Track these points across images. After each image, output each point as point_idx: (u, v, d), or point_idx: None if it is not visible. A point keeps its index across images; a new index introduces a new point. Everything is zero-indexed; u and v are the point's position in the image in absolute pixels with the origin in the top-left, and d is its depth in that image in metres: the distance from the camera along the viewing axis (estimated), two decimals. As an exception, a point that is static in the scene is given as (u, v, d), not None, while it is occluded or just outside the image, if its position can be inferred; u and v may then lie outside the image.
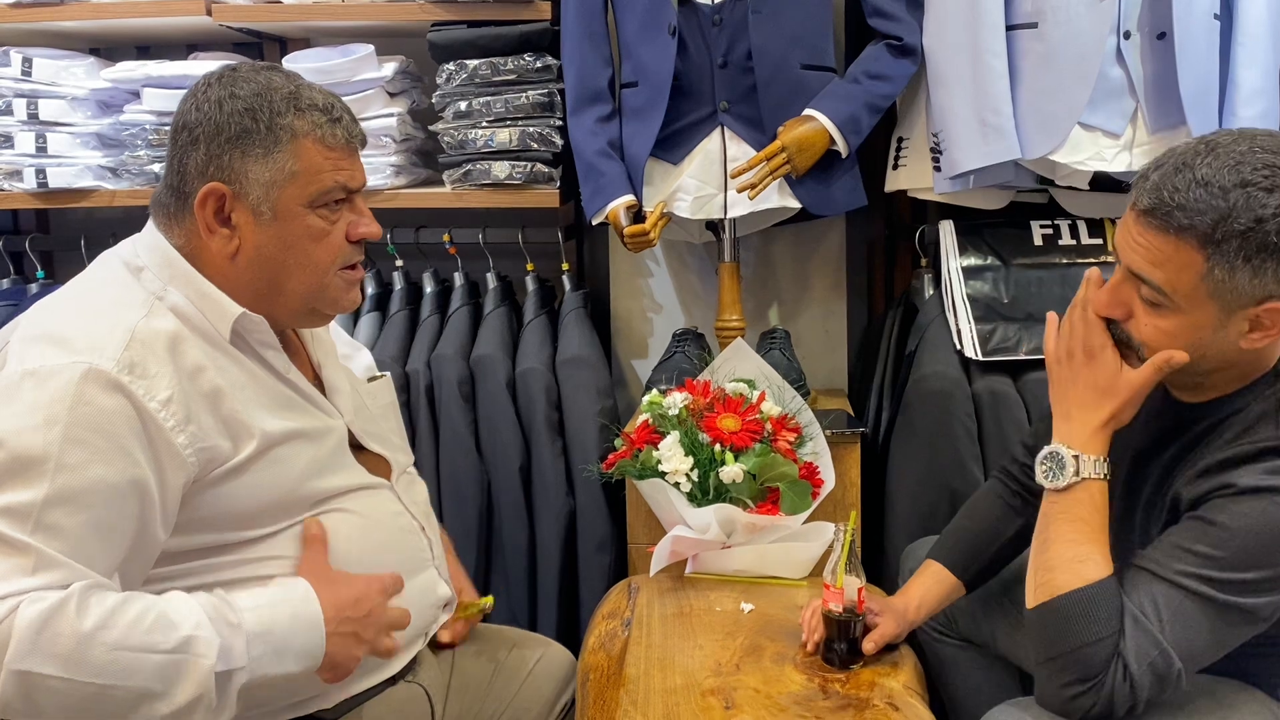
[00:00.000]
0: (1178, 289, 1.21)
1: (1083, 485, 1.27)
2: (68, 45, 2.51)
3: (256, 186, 1.23)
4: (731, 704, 1.44)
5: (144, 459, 1.12)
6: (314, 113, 1.25)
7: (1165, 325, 1.24)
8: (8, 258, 2.62)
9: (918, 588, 1.63)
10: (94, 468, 1.09)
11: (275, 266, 1.26)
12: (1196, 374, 1.29)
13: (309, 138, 1.24)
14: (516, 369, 2.32)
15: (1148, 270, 1.22)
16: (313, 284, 1.28)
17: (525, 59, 2.27)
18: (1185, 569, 1.21)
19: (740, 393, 1.94)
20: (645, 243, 2.19)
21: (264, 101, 1.23)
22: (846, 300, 2.58)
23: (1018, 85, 2.04)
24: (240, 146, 1.22)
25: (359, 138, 1.30)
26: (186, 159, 1.24)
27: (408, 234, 2.47)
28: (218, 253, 1.25)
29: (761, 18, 2.10)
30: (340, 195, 1.27)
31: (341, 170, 1.27)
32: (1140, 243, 1.23)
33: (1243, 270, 1.18)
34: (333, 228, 1.28)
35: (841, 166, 2.19)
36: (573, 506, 2.30)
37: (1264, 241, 1.16)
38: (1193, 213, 1.17)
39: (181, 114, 1.25)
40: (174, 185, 1.25)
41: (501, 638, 1.64)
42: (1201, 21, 1.94)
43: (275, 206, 1.23)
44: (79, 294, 1.24)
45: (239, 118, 1.22)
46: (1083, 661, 1.20)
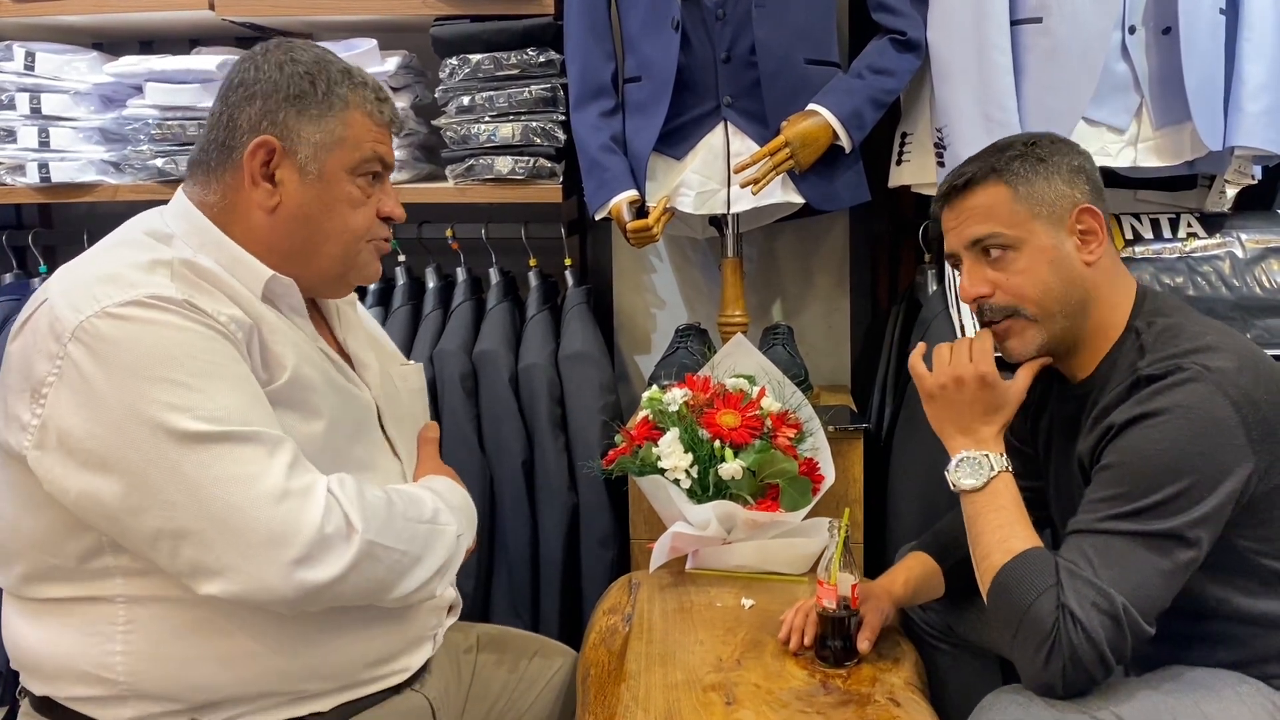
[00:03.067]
0: (1008, 222, 1.41)
1: (998, 478, 1.40)
2: (71, 40, 2.51)
3: (307, 145, 1.27)
4: (733, 699, 1.44)
5: (240, 357, 1.19)
6: (365, 89, 1.32)
7: (1020, 266, 1.41)
8: (11, 252, 2.62)
9: (901, 570, 1.67)
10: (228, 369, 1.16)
11: (313, 227, 1.30)
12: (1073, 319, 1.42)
13: (359, 110, 1.30)
14: (519, 364, 2.32)
15: (978, 229, 1.43)
16: (346, 249, 1.33)
17: (528, 54, 2.27)
18: (1100, 515, 1.28)
19: (740, 389, 1.93)
20: (648, 238, 2.18)
21: (322, 69, 1.29)
22: (850, 296, 2.57)
23: (1022, 80, 2.03)
24: (297, 106, 1.27)
25: (399, 122, 1.38)
26: (239, 114, 1.27)
27: (410, 229, 2.47)
28: (258, 205, 1.28)
29: (765, 12, 2.09)
30: (378, 168, 1.34)
31: (382, 144, 1.33)
32: (960, 218, 1.45)
33: (1038, 181, 1.41)
34: (368, 200, 1.33)
35: (845, 162, 2.18)
36: (575, 502, 2.30)
37: (1039, 155, 1.42)
38: (977, 165, 1.43)
39: (238, 73, 1.30)
40: (219, 140, 1.28)
41: (525, 646, 1.64)
42: (1207, 16, 1.93)
43: (322, 168, 1.28)
44: (106, 249, 1.26)
45: (299, 80, 1.28)
46: (1033, 621, 1.25)
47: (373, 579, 1.19)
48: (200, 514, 1.10)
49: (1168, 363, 1.31)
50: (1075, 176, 1.42)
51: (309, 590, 1.13)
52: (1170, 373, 1.29)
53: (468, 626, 1.60)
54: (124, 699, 1.19)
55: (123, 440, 1.10)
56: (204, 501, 1.10)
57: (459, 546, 1.33)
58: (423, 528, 1.26)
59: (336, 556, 1.14)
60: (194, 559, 1.11)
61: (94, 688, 1.19)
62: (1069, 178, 1.42)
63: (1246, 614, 1.34)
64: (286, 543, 1.11)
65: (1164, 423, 1.27)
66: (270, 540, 1.11)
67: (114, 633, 1.18)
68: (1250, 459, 1.27)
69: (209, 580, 1.12)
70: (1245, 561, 1.32)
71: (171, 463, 1.10)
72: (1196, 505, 1.25)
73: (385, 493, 1.24)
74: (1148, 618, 1.24)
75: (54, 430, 1.12)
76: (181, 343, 1.13)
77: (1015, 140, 1.46)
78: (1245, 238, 2.12)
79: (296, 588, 1.12)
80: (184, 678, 1.19)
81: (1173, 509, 1.25)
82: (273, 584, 1.12)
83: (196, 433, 1.11)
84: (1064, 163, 1.42)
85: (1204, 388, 1.27)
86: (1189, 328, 1.36)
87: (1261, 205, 2.21)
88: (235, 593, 1.12)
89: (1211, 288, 2.08)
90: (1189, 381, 1.28)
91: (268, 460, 1.13)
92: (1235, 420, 1.26)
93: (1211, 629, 1.36)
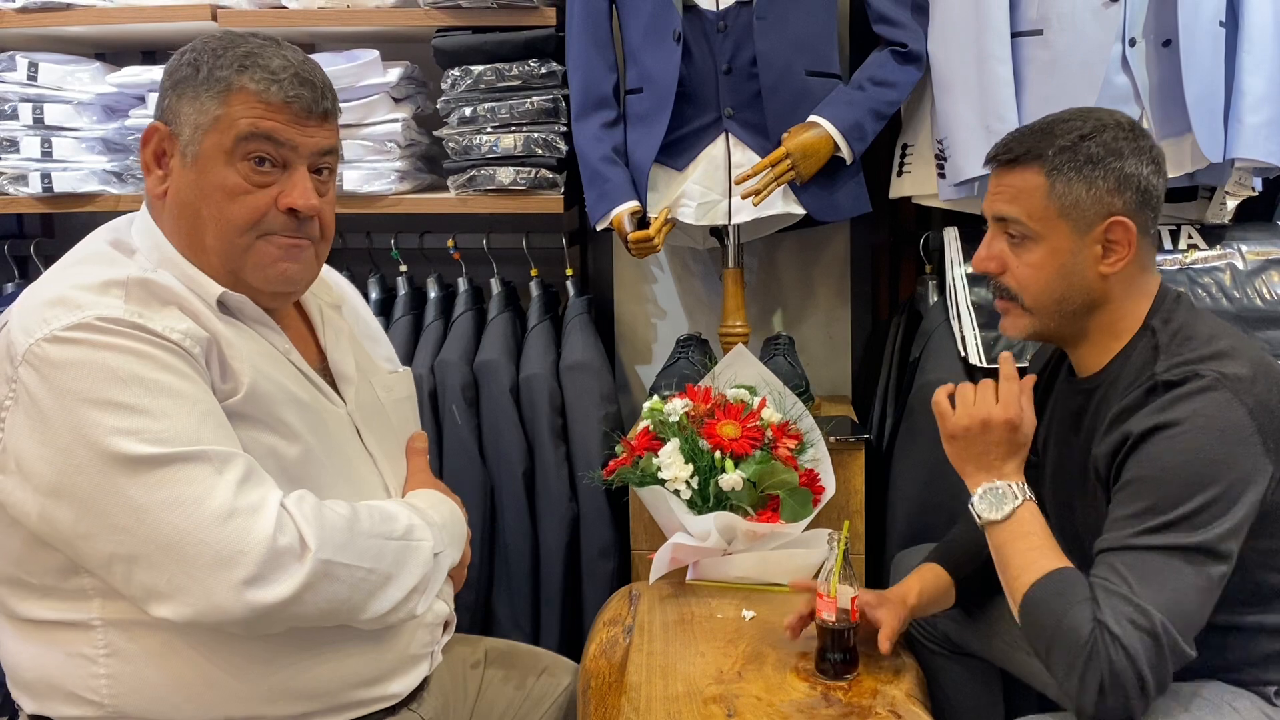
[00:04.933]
0: (1032, 214, 1.39)
1: (1022, 507, 1.38)
2: (73, 50, 2.51)
3: (187, 128, 1.23)
4: (734, 712, 1.44)
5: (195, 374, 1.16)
6: (258, 70, 1.22)
7: (1032, 259, 1.40)
8: (13, 262, 2.63)
9: (915, 579, 1.65)
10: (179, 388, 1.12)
11: (192, 215, 1.23)
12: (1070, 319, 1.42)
13: (243, 91, 1.21)
14: (520, 374, 2.32)
15: (1006, 208, 1.42)
16: (224, 241, 1.23)
17: (530, 65, 2.27)
18: (1131, 531, 1.26)
19: (741, 399, 1.93)
20: (649, 248, 2.18)
21: (213, 55, 1.23)
22: (851, 306, 2.57)
23: (1023, 92, 2.03)
24: (178, 90, 1.24)
25: (306, 103, 1.23)
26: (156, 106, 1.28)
27: (412, 239, 2.48)
28: (151, 191, 1.26)
29: (766, 24, 2.09)
30: (267, 150, 1.22)
31: (268, 122, 1.21)
32: (997, 189, 1.43)
33: (1078, 183, 1.36)
34: (255, 190, 1.23)
35: (846, 173, 2.18)
36: (576, 512, 2.30)
37: (1089, 154, 1.36)
38: (1027, 144, 1.40)
39: None
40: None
41: (533, 662, 1.61)
42: (1207, 29, 1.94)
43: (198, 150, 1.22)
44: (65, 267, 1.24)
45: (185, 67, 1.25)
46: (1068, 636, 1.23)
47: (334, 599, 1.15)
48: (148, 538, 1.08)
49: (1184, 369, 1.30)
50: (1123, 185, 1.36)
51: (261, 611, 1.10)
52: (1187, 379, 1.28)
53: (475, 640, 1.59)
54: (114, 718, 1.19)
55: (71, 466, 1.09)
56: (151, 526, 1.08)
57: (437, 564, 1.27)
58: (393, 545, 1.21)
59: (288, 576, 1.10)
60: (146, 583, 1.09)
61: (82, 709, 1.19)
62: (1115, 185, 1.36)
63: (1234, 624, 1.34)
64: (235, 563, 1.08)
65: (1183, 433, 1.26)
66: (218, 561, 1.08)
67: (96, 655, 1.17)
68: (1268, 467, 1.27)
69: (161, 603, 1.10)
70: (1244, 574, 1.31)
71: (118, 488, 1.08)
72: (1225, 516, 1.24)
73: (351, 509, 1.19)
74: (1186, 638, 1.22)
75: (12, 454, 1.12)
76: (127, 365, 1.11)
77: (1075, 124, 1.39)
78: (1246, 249, 2.12)
79: (248, 609, 1.09)
80: (167, 699, 1.18)
81: (1203, 520, 1.23)
82: (223, 605, 1.08)
83: (141, 456, 1.08)
84: (1116, 168, 1.36)
85: (1221, 396, 1.26)
86: (1202, 330, 1.36)
87: (1262, 217, 2.21)
88: (188, 616, 1.09)
89: (1212, 299, 2.09)
90: (1206, 390, 1.27)
91: (215, 479, 1.10)
92: (1252, 428, 1.26)
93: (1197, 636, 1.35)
